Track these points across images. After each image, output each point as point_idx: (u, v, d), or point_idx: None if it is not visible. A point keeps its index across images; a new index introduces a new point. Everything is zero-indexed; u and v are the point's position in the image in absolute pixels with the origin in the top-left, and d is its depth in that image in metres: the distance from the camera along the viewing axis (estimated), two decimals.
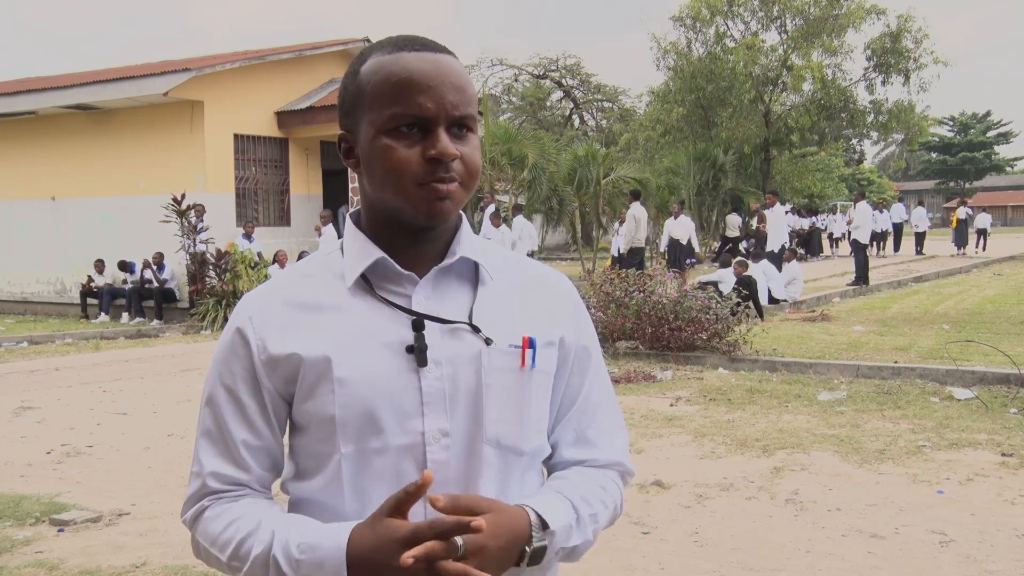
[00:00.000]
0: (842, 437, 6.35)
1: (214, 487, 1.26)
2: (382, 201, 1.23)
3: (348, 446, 1.21)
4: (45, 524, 4.87)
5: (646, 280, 10.29)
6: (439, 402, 1.21)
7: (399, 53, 1.21)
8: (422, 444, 1.21)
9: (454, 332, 1.23)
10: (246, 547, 1.19)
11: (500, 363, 1.24)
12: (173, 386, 9.19)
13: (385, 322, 1.23)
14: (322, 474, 1.24)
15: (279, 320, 1.25)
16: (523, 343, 1.25)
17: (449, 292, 1.26)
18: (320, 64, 17.70)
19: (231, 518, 1.22)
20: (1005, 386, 7.79)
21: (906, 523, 4.64)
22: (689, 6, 26.30)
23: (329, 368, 1.20)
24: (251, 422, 1.25)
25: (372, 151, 1.21)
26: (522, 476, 1.28)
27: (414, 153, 1.18)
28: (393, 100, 1.18)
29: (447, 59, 1.22)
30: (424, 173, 1.18)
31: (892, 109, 26.89)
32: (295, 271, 1.32)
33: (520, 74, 40.57)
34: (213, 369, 1.29)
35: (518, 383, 1.25)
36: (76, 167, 16.68)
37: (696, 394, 8.01)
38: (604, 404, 1.38)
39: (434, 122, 1.18)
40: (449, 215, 1.21)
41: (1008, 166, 74.07)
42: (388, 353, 1.21)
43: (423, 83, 1.18)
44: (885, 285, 17.75)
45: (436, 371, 1.21)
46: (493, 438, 1.23)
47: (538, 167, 19.88)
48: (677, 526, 4.68)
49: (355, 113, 1.24)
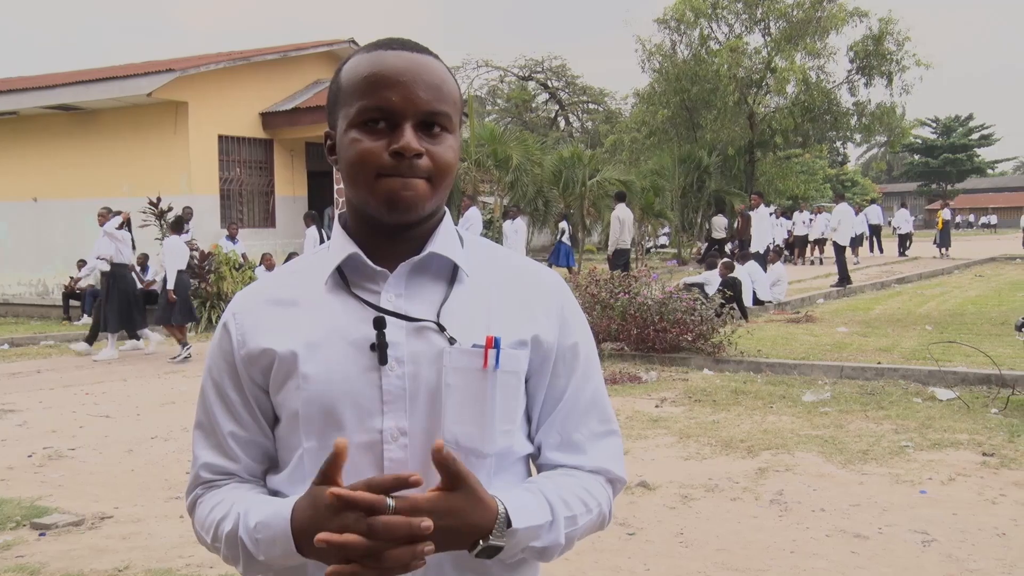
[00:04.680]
0: (826, 438, 6.38)
1: (206, 477, 1.31)
2: (352, 195, 1.25)
3: (310, 441, 1.23)
4: (26, 528, 4.83)
5: (631, 282, 10.31)
6: (399, 400, 1.21)
7: (378, 51, 1.24)
8: (380, 442, 1.21)
9: (420, 331, 1.23)
10: (221, 528, 1.24)
11: (461, 363, 1.22)
12: (156, 388, 9.13)
13: (353, 319, 1.23)
14: (289, 467, 1.27)
15: (258, 316, 1.28)
16: (486, 343, 1.23)
17: (422, 290, 1.26)
18: (305, 65, 17.66)
19: (214, 503, 1.28)
20: (986, 386, 7.86)
21: (889, 523, 4.67)
22: (673, 8, 26.39)
23: (296, 364, 1.22)
24: (236, 414, 1.29)
25: (342, 144, 1.23)
26: (489, 478, 1.23)
27: (378, 146, 1.19)
28: (362, 93, 1.20)
29: (425, 58, 1.23)
30: (385, 166, 1.19)
31: (875, 111, 27.07)
32: (284, 269, 1.35)
33: (505, 76, 40.62)
34: (206, 364, 1.34)
35: (480, 384, 1.23)
36: (58, 168, 16.56)
37: (681, 395, 8.03)
38: (594, 408, 1.33)
39: (401, 116, 1.19)
40: (412, 211, 1.21)
41: (989, 168, 74.77)
42: (352, 350, 1.22)
43: (392, 78, 1.20)
44: (868, 286, 17.86)
45: (398, 369, 1.21)
46: (452, 439, 1.21)
47: (522, 168, 19.91)
48: (662, 527, 4.69)
49: (335, 110, 1.26)
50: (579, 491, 1.27)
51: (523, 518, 1.18)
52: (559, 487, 1.26)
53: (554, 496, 1.24)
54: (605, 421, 1.34)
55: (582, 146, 27.01)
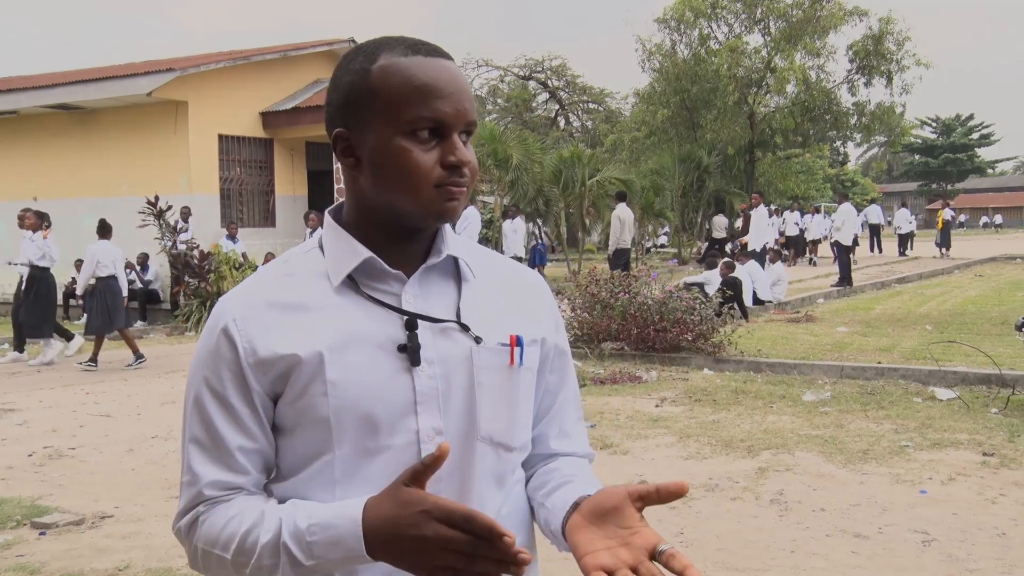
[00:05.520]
0: (826, 437, 6.38)
1: (211, 495, 1.23)
2: (388, 202, 1.22)
3: (343, 447, 1.20)
4: (26, 527, 4.83)
5: (631, 281, 10.31)
6: (432, 401, 1.22)
7: (415, 56, 1.21)
8: (416, 443, 1.21)
9: (444, 331, 1.24)
10: (252, 538, 1.16)
11: (490, 361, 1.25)
12: (157, 387, 9.14)
13: (375, 321, 1.22)
14: (307, 473, 1.22)
15: (266, 321, 1.22)
16: (511, 341, 1.27)
17: (434, 290, 1.27)
18: (305, 64, 17.65)
19: (230, 515, 1.20)
20: (986, 386, 7.86)
21: (889, 523, 4.67)
22: (673, 8, 26.40)
23: (322, 369, 1.19)
24: (244, 426, 1.23)
25: (387, 152, 1.20)
26: (514, 471, 1.31)
27: (431, 157, 1.20)
28: (414, 103, 1.19)
29: (456, 67, 1.25)
30: (441, 177, 1.20)
31: (875, 111, 27.06)
32: (274, 271, 1.29)
33: (506, 75, 40.60)
34: (197, 373, 1.25)
35: (508, 381, 1.27)
36: (58, 167, 16.55)
37: (681, 395, 8.03)
38: (575, 397, 1.44)
39: (451, 128, 1.20)
40: (456, 215, 1.24)
41: (990, 168, 74.76)
42: (380, 353, 1.21)
43: (443, 89, 1.20)
44: (868, 286, 17.87)
45: (429, 370, 1.22)
46: (487, 435, 1.25)
47: (523, 168, 19.91)
48: (662, 527, 4.69)
49: (362, 112, 1.22)
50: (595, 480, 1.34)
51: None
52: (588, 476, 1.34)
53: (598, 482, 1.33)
54: (580, 407, 1.46)
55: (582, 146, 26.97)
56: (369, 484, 1.19)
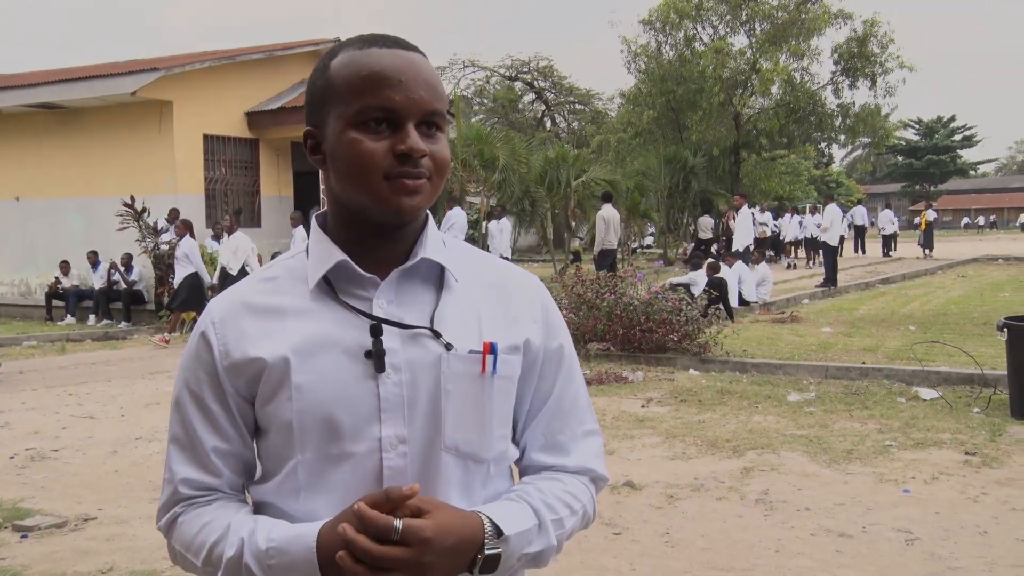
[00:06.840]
0: (811, 437, 6.41)
1: (186, 493, 1.25)
2: (348, 198, 1.21)
3: (306, 452, 1.20)
4: (8, 530, 4.79)
5: (617, 282, 10.33)
6: (397, 408, 1.20)
7: (370, 48, 1.20)
8: (379, 451, 1.19)
9: (415, 337, 1.21)
10: (217, 552, 1.19)
11: (460, 369, 1.22)
12: (141, 389, 9.08)
13: (345, 327, 1.21)
14: (278, 477, 1.23)
15: (241, 325, 1.23)
16: (484, 348, 1.23)
17: (413, 295, 1.24)
18: (290, 64, 17.58)
19: (202, 523, 1.22)
20: (969, 386, 7.92)
21: (873, 522, 4.70)
22: (657, 9, 26.46)
23: (288, 374, 1.19)
24: (219, 427, 1.24)
25: (339, 144, 1.19)
26: (485, 483, 1.25)
27: (382, 147, 1.17)
28: (363, 93, 1.17)
29: (418, 57, 1.22)
30: (392, 167, 1.17)
31: (859, 113, 27.21)
32: (260, 275, 1.30)
33: (492, 76, 40.56)
34: (180, 375, 1.27)
35: (478, 389, 1.23)
36: (41, 167, 16.42)
37: (667, 395, 8.06)
38: (576, 408, 1.34)
39: (403, 116, 1.17)
40: (417, 212, 1.20)
41: (972, 169, 75.34)
42: (346, 359, 1.19)
43: (393, 77, 1.17)
44: (853, 287, 17.97)
45: (395, 377, 1.20)
46: (452, 445, 1.22)
47: (509, 168, 19.90)
48: (648, 527, 4.70)
49: (323, 108, 1.22)
50: (561, 494, 1.27)
51: (512, 524, 1.18)
52: (541, 492, 1.26)
53: (537, 501, 1.24)
54: (587, 421, 1.36)
55: (568, 146, 26.98)
56: (332, 493, 1.19)
